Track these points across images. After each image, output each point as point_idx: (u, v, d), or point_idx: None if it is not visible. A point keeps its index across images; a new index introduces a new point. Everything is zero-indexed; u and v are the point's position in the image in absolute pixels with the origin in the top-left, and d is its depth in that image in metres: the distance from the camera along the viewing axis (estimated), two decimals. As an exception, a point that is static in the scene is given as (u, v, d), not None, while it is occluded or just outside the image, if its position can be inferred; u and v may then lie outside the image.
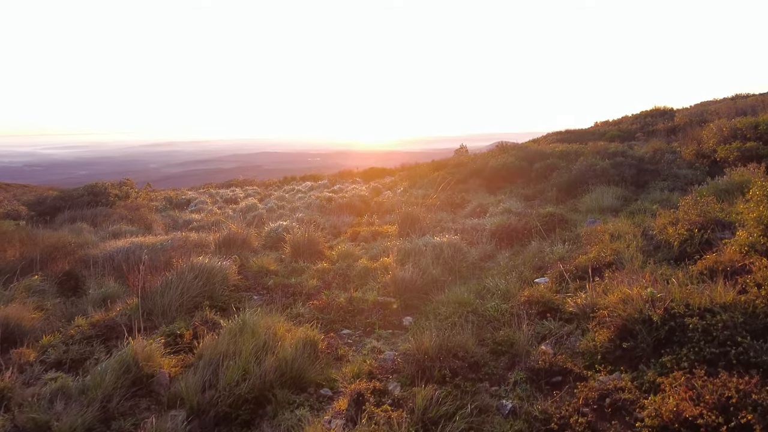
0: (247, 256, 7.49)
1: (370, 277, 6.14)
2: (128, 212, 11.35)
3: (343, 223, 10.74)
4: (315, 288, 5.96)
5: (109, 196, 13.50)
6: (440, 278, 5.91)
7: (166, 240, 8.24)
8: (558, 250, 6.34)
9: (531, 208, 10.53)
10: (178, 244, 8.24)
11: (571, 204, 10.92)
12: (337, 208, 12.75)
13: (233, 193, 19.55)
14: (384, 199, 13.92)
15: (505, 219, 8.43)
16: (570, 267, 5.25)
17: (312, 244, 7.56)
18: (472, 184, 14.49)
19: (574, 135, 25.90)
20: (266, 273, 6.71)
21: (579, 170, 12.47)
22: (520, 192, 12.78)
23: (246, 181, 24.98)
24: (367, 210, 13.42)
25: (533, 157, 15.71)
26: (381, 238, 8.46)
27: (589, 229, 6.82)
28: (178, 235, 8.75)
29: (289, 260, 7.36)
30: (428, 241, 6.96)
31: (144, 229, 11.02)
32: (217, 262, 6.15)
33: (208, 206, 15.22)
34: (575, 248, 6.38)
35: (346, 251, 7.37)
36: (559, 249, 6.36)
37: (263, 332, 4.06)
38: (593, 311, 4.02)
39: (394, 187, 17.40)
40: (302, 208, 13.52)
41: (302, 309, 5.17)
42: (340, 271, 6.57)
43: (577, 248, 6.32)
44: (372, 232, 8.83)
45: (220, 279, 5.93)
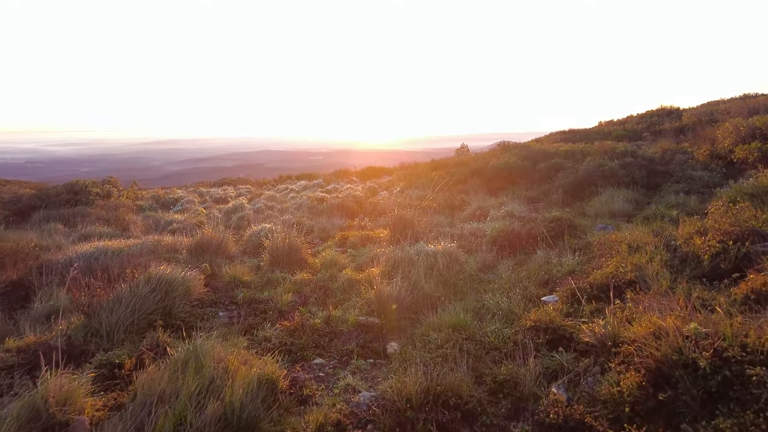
0: (220, 263, 6.76)
1: (354, 291, 5.40)
2: (105, 212, 10.62)
3: (333, 225, 10.00)
4: (289, 304, 5.22)
5: (90, 195, 12.77)
6: (433, 294, 5.16)
7: (136, 244, 7.51)
8: (567, 261, 5.59)
9: (535, 211, 9.79)
10: (149, 249, 7.52)
11: (579, 207, 10.17)
12: (329, 209, 12.02)
13: (224, 192, 18.82)
14: (379, 199, 13.18)
15: (507, 224, 7.69)
16: (583, 284, 4.51)
17: (293, 251, 6.82)
18: (472, 184, 13.74)
19: (578, 135, 25.16)
20: (238, 284, 5.98)
21: (586, 171, 11.71)
22: (523, 194, 12.02)
23: (240, 180, 24.26)
24: (361, 211, 12.69)
25: (537, 157, 14.96)
26: (371, 244, 7.72)
27: (601, 238, 6.07)
28: (150, 238, 8.02)
29: (267, 269, 6.62)
30: (421, 249, 6.22)
31: (121, 230, 10.30)
32: (180, 273, 5.42)
33: (196, 206, 14.49)
34: (587, 260, 5.63)
35: (331, 259, 6.63)
36: (568, 260, 5.61)
37: (212, 366, 3.32)
38: (615, 344, 3.28)
39: (391, 187, 16.65)
40: (292, 209, 12.79)
41: (270, 331, 4.43)
42: (320, 284, 5.83)
43: (589, 260, 5.57)
44: (362, 237, 8.09)
45: (182, 292, 5.20)
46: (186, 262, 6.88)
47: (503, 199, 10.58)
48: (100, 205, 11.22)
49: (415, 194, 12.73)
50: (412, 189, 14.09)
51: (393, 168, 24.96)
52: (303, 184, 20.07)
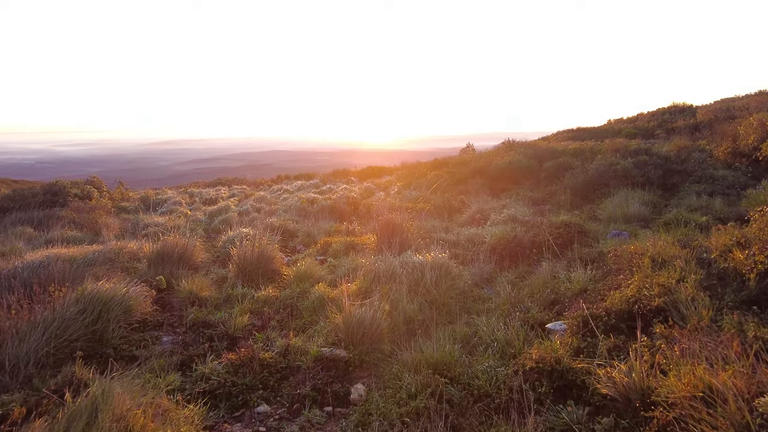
0: (182, 275, 5.95)
1: (324, 312, 4.55)
2: (77, 215, 9.87)
3: (320, 230, 9.17)
4: (245, 328, 4.39)
5: (68, 197, 12.04)
6: (416, 317, 4.32)
7: (95, 251, 6.72)
8: (577, 276, 4.71)
9: (541, 214, 8.90)
10: (107, 257, 6.73)
11: (589, 210, 9.27)
12: (319, 211, 11.19)
13: (217, 193, 18.07)
14: (375, 201, 12.34)
15: (508, 230, 6.82)
16: (597, 309, 3.63)
17: (264, 261, 6.00)
18: (474, 185, 12.87)
19: (587, 133, 24.22)
20: (194, 301, 5.16)
21: (596, 170, 10.80)
22: (528, 195, 11.13)
23: (236, 180, 23.53)
24: (354, 214, 11.85)
25: (543, 156, 14.05)
26: (355, 252, 6.88)
27: (617, 247, 5.20)
28: (114, 244, 7.23)
29: (233, 281, 5.80)
30: (407, 260, 5.37)
31: (92, 234, 9.53)
32: (122, 288, 4.62)
33: (182, 207, 13.73)
34: (601, 275, 4.75)
35: (306, 271, 5.80)
36: (578, 275, 4.73)
37: (109, 427, 2.51)
38: (645, 403, 2.43)
39: (389, 187, 15.81)
40: (281, 211, 11.97)
41: (212, 365, 3.60)
42: (287, 302, 5.00)
43: (604, 276, 4.69)
44: (347, 244, 7.25)
45: (121, 313, 4.39)
46: (145, 272, 6.09)
47: (506, 201, 9.70)
48: (74, 207, 10.47)
49: (413, 195, 11.88)
50: (410, 189, 13.24)
51: (394, 168, 24.12)
52: (299, 184, 19.28)
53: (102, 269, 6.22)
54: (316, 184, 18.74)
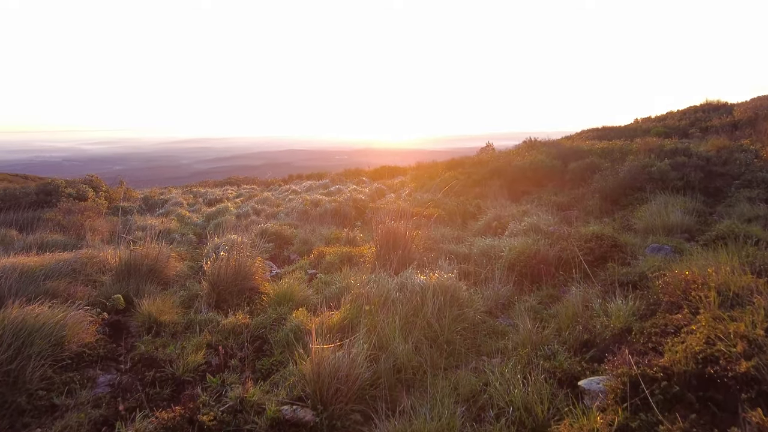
0: (149, 291, 5.14)
1: (297, 350, 3.66)
2: (63, 216, 9.21)
3: (319, 236, 8.31)
4: (198, 369, 3.54)
5: (61, 197, 11.44)
6: (410, 362, 3.40)
7: (58, 262, 5.98)
8: (617, 309, 3.72)
9: (567, 222, 7.88)
10: (72, 268, 5.98)
11: (622, 218, 8.21)
12: (321, 215, 10.34)
13: (223, 193, 17.40)
14: (383, 203, 11.45)
15: (530, 242, 5.84)
16: (652, 368, 2.66)
17: (241, 277, 5.15)
18: (492, 187, 11.85)
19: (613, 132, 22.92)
20: (151, 327, 4.33)
21: (629, 172, 9.69)
22: (552, 199, 10.09)
23: (247, 179, 22.89)
24: (361, 218, 10.97)
25: (568, 156, 12.95)
26: (351, 266, 5.99)
27: (664, 272, 4.20)
28: (83, 253, 6.49)
29: (205, 300, 4.96)
30: (406, 282, 4.46)
31: (76, 238, 8.86)
32: (56, 315, 3.82)
33: (182, 208, 13.04)
34: (646, 307, 3.76)
35: (288, 290, 4.92)
36: (618, 307, 3.74)
37: None
38: None
39: (401, 189, 14.89)
40: (282, 214, 11.16)
41: (140, 425, 2.74)
42: (258, 332, 4.12)
43: (651, 309, 3.70)
44: (342, 255, 6.35)
45: (48, 346, 3.58)
46: (108, 288, 5.31)
47: (527, 207, 8.68)
48: (62, 208, 9.82)
49: (425, 198, 10.94)
50: (423, 192, 12.29)
51: (409, 168, 23.17)
52: (308, 184, 18.49)
53: (61, 283, 5.46)
54: (325, 184, 17.92)
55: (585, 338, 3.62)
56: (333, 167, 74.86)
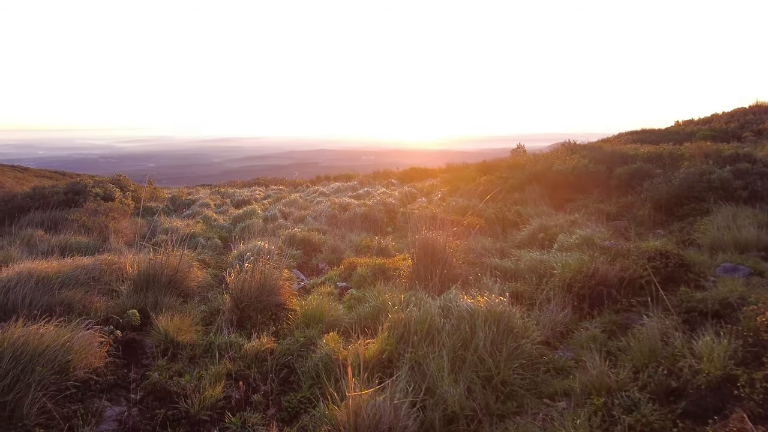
0: (168, 304, 4.75)
1: (330, 384, 3.16)
2: (88, 217, 9.01)
3: (349, 244, 7.83)
4: (215, 405, 3.08)
5: (88, 196, 11.32)
6: (463, 408, 2.85)
7: (76, 269, 5.66)
8: (708, 350, 3.09)
9: (621, 235, 7.19)
10: (91, 276, 5.66)
11: (680, 230, 7.47)
12: (350, 219, 9.87)
13: (251, 194, 17.15)
14: (415, 208, 10.89)
15: (586, 260, 5.21)
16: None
17: (266, 292, 4.69)
18: (531, 193, 11.16)
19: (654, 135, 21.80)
20: (167, 348, 3.91)
21: (685, 180, 8.87)
22: (598, 207, 9.36)
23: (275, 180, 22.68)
24: (391, 223, 10.45)
25: (612, 161, 12.13)
26: (385, 281, 5.47)
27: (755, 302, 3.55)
28: (103, 258, 6.17)
29: (228, 317, 4.53)
30: (450, 305, 3.91)
31: (100, 240, 8.63)
32: (62, 336, 3.43)
33: (209, 210, 12.79)
34: (743, 348, 3.12)
35: (318, 309, 4.44)
36: (708, 347, 3.11)
37: None
38: None
39: (432, 192, 14.31)
40: (310, 218, 10.74)
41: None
42: (284, 359, 3.65)
43: (753, 352, 3.06)
44: (375, 268, 5.84)
45: (50, 373, 3.18)
46: (125, 300, 4.94)
47: (574, 216, 7.99)
48: (87, 208, 9.64)
49: (459, 204, 10.34)
50: (456, 196, 11.69)
51: (439, 170, 22.55)
52: (336, 186, 18.07)
53: (78, 293, 5.13)
54: (353, 186, 17.47)
55: (671, 385, 3.01)
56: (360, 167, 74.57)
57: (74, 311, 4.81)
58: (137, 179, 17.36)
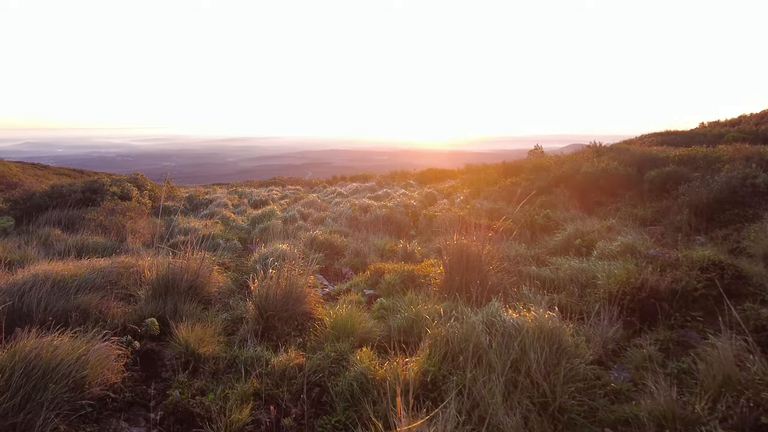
0: (188, 312, 4.49)
1: (368, 407, 2.86)
2: (105, 217, 8.84)
3: (372, 247, 7.53)
4: (241, 429, 2.79)
5: (106, 195, 11.19)
6: (521, 442, 2.53)
7: (92, 271, 5.45)
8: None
9: (662, 242, 6.79)
10: (107, 280, 5.44)
11: (724, 237, 7.03)
12: (371, 221, 9.56)
13: (268, 194, 16.96)
14: (437, 210, 10.56)
15: (632, 269, 4.84)
16: None
17: (292, 300, 4.41)
18: (559, 196, 10.76)
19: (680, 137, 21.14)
20: (188, 360, 3.64)
21: (726, 184, 8.40)
22: (631, 212, 8.93)
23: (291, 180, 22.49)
24: (414, 225, 10.13)
25: (642, 163, 11.66)
26: (415, 289, 5.15)
27: None
28: (120, 260, 5.96)
29: (252, 328, 4.25)
30: (496, 320, 3.58)
31: (117, 240, 8.45)
32: (79, 347, 3.17)
33: (226, 210, 12.60)
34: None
35: (347, 319, 4.14)
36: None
37: None
38: None
39: (453, 194, 13.96)
40: (330, 219, 10.47)
41: None
42: (315, 377, 3.35)
43: None
44: (404, 274, 5.53)
45: (65, 390, 2.93)
46: (142, 306, 4.69)
47: (610, 222, 7.59)
48: (104, 208, 9.49)
49: (484, 206, 9.98)
50: (480, 198, 11.33)
51: (457, 170, 22.17)
52: (354, 187, 17.80)
53: (94, 297, 4.91)
54: (371, 187, 17.17)
55: (759, 420, 2.65)
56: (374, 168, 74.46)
57: (90, 317, 4.59)
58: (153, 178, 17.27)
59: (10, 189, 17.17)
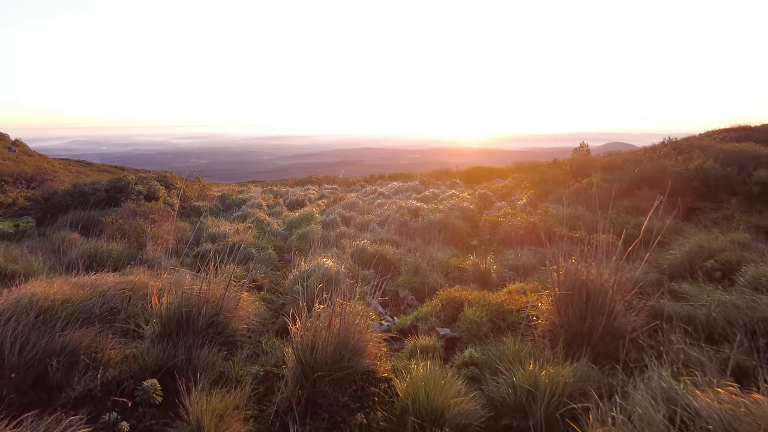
0: (204, 362, 3.26)
1: None
2: (125, 220, 7.81)
3: (433, 263, 6.17)
4: None
5: (131, 194, 10.24)
6: None
7: (91, 296, 4.31)
8: None
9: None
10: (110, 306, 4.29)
11: None
12: (425, 228, 8.20)
13: (305, 194, 15.82)
14: (500, 215, 9.10)
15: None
16: None
17: (348, 353, 3.11)
18: (643, 199, 9.13)
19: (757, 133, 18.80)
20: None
21: None
22: (746, 220, 7.27)
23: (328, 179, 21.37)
24: (475, 234, 8.71)
25: (742, 161, 9.87)
26: (510, 331, 3.77)
27: None
28: (129, 280, 4.81)
29: (292, 392, 2.97)
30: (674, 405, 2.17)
31: (136, 247, 7.39)
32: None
33: (260, 211, 11.49)
34: None
35: (426, 384, 2.80)
36: None
37: None
38: None
39: (510, 195, 12.42)
40: (374, 224, 9.16)
41: None
42: None
43: None
44: (491, 311, 4.13)
45: None
46: (146, 350, 3.49)
47: (741, 236, 5.95)
48: (127, 209, 8.48)
49: (561, 212, 8.45)
50: (548, 201, 9.78)
51: (505, 169, 20.52)
52: (395, 186, 16.46)
53: (88, 334, 3.74)
54: (415, 187, 15.78)
55: None
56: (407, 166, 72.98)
57: (77, 366, 3.43)
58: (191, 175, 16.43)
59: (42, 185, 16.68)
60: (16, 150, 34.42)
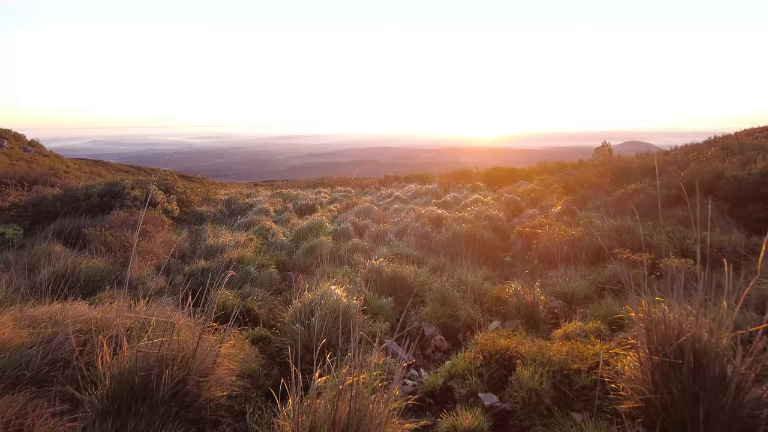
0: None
1: None
2: (111, 233, 6.94)
3: (465, 289, 5.15)
4: None
5: (126, 200, 9.40)
6: None
7: (40, 342, 3.40)
8: None
9: None
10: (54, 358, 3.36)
11: None
12: (449, 241, 7.17)
13: (316, 197, 14.89)
14: (534, 225, 8.03)
15: None
16: None
17: None
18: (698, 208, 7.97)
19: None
20: None
21: None
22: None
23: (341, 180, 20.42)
24: (506, 247, 7.66)
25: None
26: (582, 401, 2.74)
27: None
28: (92, 317, 3.88)
29: None
30: None
31: (121, 263, 6.51)
32: None
33: (267, 218, 10.58)
34: None
35: None
36: None
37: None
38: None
39: (541, 201, 11.32)
40: (391, 236, 8.16)
41: None
42: None
43: None
44: (552, 369, 3.11)
45: None
46: (93, 421, 2.55)
47: None
48: (115, 218, 7.62)
49: (607, 224, 7.35)
50: (588, 210, 8.67)
51: (529, 170, 19.34)
52: (412, 189, 15.42)
53: (16, 401, 2.81)
54: (434, 191, 14.71)
55: None
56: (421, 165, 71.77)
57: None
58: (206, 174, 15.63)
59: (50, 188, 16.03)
60: (31, 150, 34.19)
